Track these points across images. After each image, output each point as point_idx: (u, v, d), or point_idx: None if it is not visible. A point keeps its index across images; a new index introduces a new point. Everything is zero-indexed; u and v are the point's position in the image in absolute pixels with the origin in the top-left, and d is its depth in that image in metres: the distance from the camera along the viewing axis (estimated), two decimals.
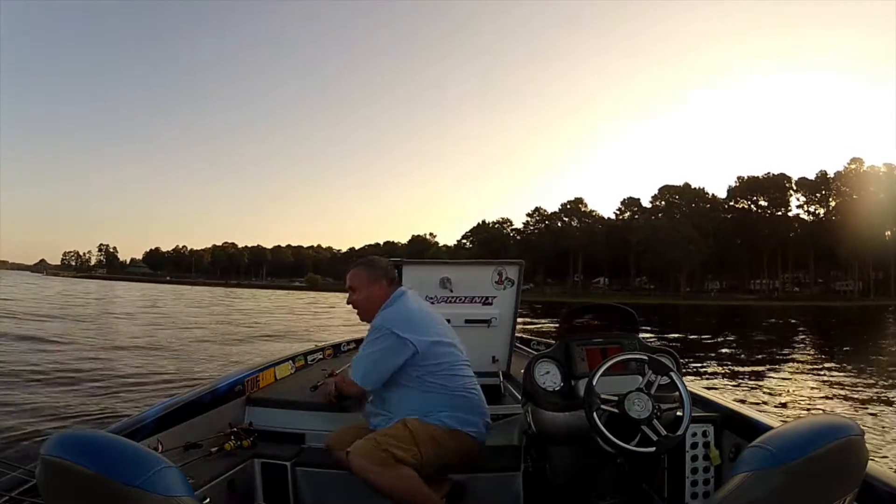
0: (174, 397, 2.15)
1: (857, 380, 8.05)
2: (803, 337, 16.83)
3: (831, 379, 8.21)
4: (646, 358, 1.69)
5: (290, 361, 2.94)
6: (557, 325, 2.15)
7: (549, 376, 1.85)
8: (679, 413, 1.61)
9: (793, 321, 23.61)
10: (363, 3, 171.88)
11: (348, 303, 2.08)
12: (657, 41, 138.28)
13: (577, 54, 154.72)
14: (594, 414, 1.58)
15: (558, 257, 72.04)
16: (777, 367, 9.44)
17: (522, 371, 1.94)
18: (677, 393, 1.64)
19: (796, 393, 7.18)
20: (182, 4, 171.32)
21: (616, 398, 1.60)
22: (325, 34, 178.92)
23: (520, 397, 2.07)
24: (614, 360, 1.69)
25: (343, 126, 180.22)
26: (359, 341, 3.70)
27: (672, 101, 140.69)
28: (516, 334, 3.05)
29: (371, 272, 2.04)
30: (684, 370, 1.93)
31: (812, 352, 12.38)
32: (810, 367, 9.53)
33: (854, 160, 64.42)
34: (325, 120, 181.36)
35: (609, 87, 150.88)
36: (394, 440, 1.79)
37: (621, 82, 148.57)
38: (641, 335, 2.00)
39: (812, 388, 7.47)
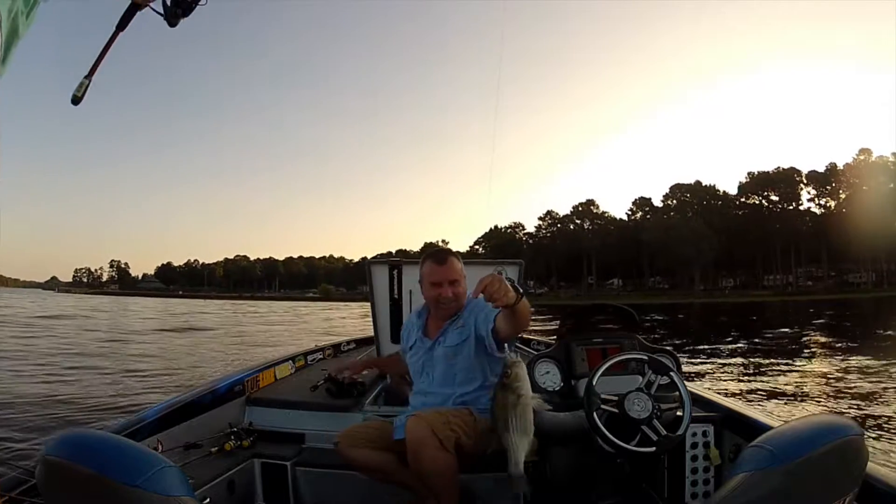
0: (174, 397, 2.14)
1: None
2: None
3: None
4: (646, 358, 1.69)
5: (290, 361, 2.91)
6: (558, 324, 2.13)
7: (549, 376, 1.85)
8: (679, 413, 1.61)
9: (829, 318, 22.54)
10: (368, 11, 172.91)
11: (449, 295, 1.90)
12: (663, 39, 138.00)
13: (584, 55, 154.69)
14: (594, 414, 1.58)
15: (571, 260, 72.05)
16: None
17: None
18: (677, 393, 1.64)
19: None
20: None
21: (616, 398, 1.60)
22: (329, 42, 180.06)
23: None
24: (614, 360, 1.69)
25: (352, 135, 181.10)
26: (359, 341, 3.75)
27: (680, 99, 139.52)
28: None
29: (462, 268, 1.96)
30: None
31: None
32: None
33: (863, 151, 63.90)
34: (332, 130, 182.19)
35: (616, 86, 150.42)
36: (462, 423, 1.72)
37: (628, 82, 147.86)
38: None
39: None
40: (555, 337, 2.17)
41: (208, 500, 1.72)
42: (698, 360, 9.54)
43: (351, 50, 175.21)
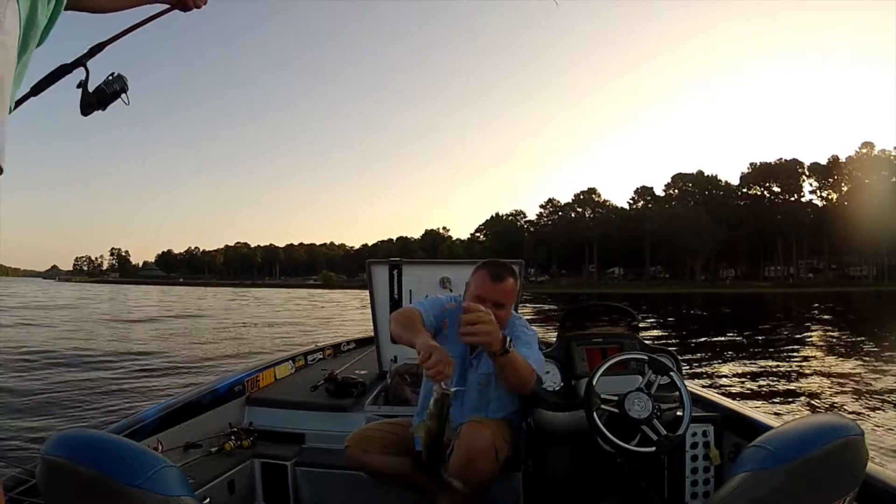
0: (174, 397, 2.13)
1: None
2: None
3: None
4: (646, 358, 1.69)
5: (290, 361, 2.91)
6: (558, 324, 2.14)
7: (549, 376, 1.84)
8: (679, 413, 1.61)
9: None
10: (371, 4, 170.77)
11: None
12: (667, 29, 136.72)
13: (587, 45, 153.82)
14: (594, 414, 1.58)
15: (573, 248, 72.05)
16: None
17: None
18: (677, 393, 1.64)
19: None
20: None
21: (616, 398, 1.60)
22: (333, 32, 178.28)
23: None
24: (614, 360, 1.69)
25: (353, 123, 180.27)
26: (359, 341, 3.68)
27: (683, 89, 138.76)
28: None
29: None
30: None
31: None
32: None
33: (865, 144, 64.14)
34: (334, 118, 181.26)
35: (619, 76, 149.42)
36: (511, 435, 1.68)
37: (632, 71, 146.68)
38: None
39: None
40: (555, 336, 2.15)
41: (208, 500, 1.73)
42: (698, 360, 9.60)
43: (355, 40, 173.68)
